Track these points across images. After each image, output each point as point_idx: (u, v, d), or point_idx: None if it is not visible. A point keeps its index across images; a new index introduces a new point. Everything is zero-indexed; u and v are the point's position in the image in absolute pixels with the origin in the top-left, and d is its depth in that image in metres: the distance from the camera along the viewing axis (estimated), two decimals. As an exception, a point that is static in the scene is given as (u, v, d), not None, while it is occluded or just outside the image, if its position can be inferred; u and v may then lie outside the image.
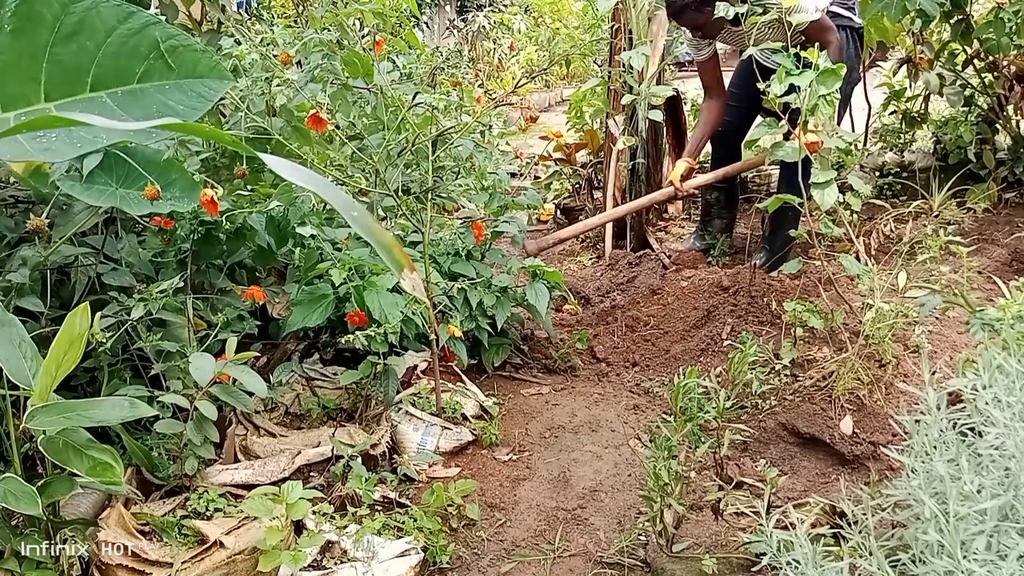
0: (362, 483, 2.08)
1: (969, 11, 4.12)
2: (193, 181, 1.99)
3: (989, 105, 4.41)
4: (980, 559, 1.24)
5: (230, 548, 1.81)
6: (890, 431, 2.36)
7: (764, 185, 4.84)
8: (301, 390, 2.58)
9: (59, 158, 1.32)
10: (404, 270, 1.06)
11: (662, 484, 1.81)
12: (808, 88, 2.40)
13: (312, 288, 2.47)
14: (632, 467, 2.43)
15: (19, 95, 1.26)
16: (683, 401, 1.88)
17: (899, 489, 1.50)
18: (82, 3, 1.28)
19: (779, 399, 2.58)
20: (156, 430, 2.03)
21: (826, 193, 2.52)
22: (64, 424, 1.58)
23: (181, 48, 1.35)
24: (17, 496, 1.50)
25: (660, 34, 4.13)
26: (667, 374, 2.96)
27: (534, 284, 2.95)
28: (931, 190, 4.15)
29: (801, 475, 2.34)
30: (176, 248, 2.37)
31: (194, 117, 1.34)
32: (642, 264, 3.94)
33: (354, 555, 1.88)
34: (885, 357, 2.53)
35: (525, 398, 2.89)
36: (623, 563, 1.99)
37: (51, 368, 1.55)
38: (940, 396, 1.49)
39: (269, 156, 0.98)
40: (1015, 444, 1.32)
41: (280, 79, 2.51)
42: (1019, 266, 3.59)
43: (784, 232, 3.55)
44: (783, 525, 1.59)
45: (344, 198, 0.99)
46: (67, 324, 1.55)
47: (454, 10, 12.72)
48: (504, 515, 2.23)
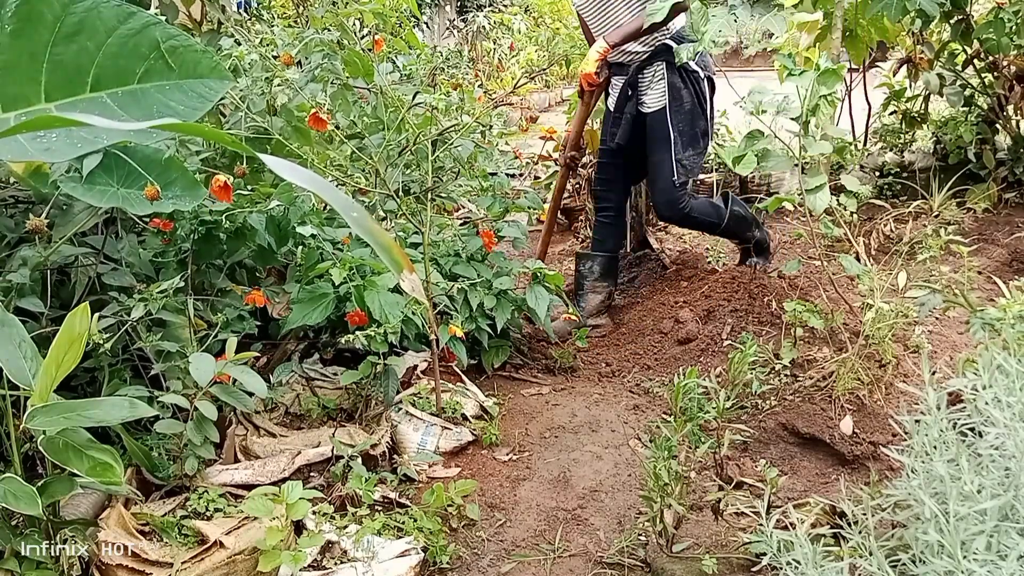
0: (362, 483, 2.08)
1: (969, 11, 4.12)
2: (194, 180, 1.99)
3: (989, 105, 4.41)
4: (980, 559, 1.24)
5: (230, 548, 1.81)
6: (890, 431, 2.36)
7: (764, 185, 4.84)
8: (301, 390, 2.58)
9: (59, 158, 1.32)
10: (403, 271, 1.06)
11: (662, 484, 1.81)
12: (809, 88, 2.40)
13: (312, 287, 2.47)
14: (632, 467, 2.43)
15: (19, 95, 1.26)
16: (683, 401, 1.88)
17: (899, 489, 1.50)
18: (82, 3, 1.28)
19: (779, 399, 2.58)
20: (156, 430, 2.03)
21: (818, 197, 2.52)
22: (64, 424, 1.58)
23: (181, 48, 1.34)
24: (17, 496, 1.50)
25: (660, 34, 4.12)
26: (667, 374, 2.96)
27: (534, 288, 2.95)
28: (931, 190, 4.15)
29: (801, 475, 2.34)
30: (176, 248, 2.37)
31: (194, 117, 1.34)
32: (642, 264, 3.95)
33: (354, 555, 1.88)
34: (885, 357, 2.53)
35: (525, 398, 2.89)
36: (623, 563, 1.99)
37: (51, 368, 1.55)
38: (940, 396, 1.49)
39: (269, 157, 0.98)
40: (1015, 444, 1.32)
41: (281, 79, 2.51)
42: (1019, 266, 3.59)
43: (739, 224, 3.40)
44: (783, 525, 1.59)
45: (344, 199, 0.99)
46: (67, 324, 1.55)
47: (454, 10, 12.72)
48: (504, 515, 2.23)
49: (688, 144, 3.11)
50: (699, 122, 3.11)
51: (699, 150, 3.17)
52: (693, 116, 3.10)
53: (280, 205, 2.44)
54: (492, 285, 2.88)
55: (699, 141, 3.14)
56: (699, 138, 3.14)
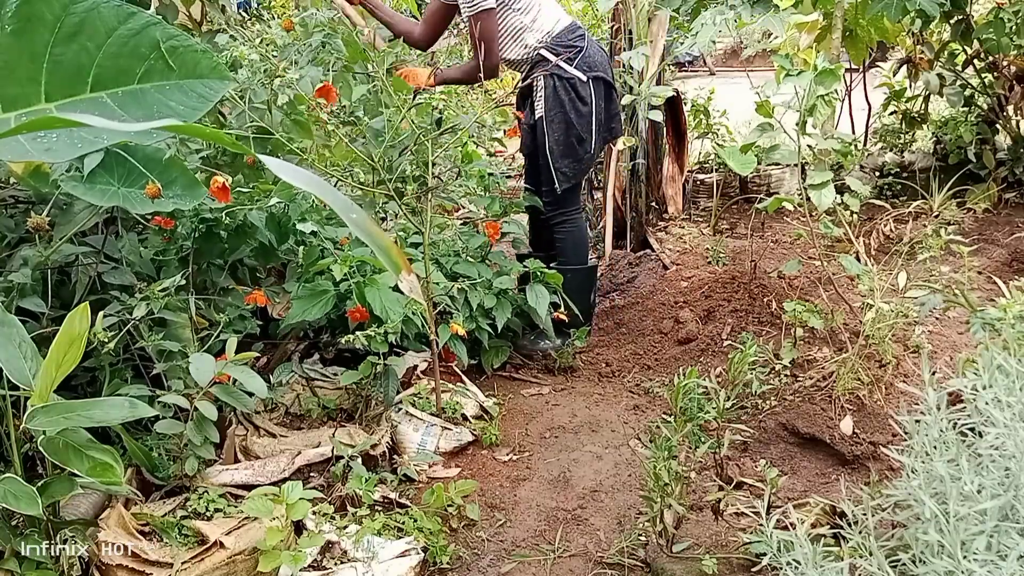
0: (362, 483, 2.08)
1: (969, 11, 4.12)
2: (195, 179, 1.98)
3: (989, 105, 4.41)
4: (980, 559, 1.24)
5: (230, 548, 1.81)
6: (890, 431, 2.36)
7: (764, 185, 4.84)
8: (301, 390, 2.58)
9: (60, 158, 1.32)
10: (402, 272, 1.06)
11: (662, 484, 1.81)
12: (806, 88, 2.40)
13: (313, 284, 2.47)
14: (632, 467, 2.43)
15: (20, 95, 1.26)
16: (683, 401, 1.88)
17: (899, 489, 1.50)
18: (83, 4, 1.28)
19: (779, 399, 2.58)
20: (156, 430, 2.03)
21: (823, 194, 2.52)
22: (64, 424, 1.58)
23: (181, 48, 1.35)
24: (17, 496, 1.50)
25: (660, 34, 4.12)
26: (667, 374, 2.96)
27: (534, 286, 2.94)
28: (931, 190, 4.15)
29: (801, 475, 2.34)
30: (178, 246, 2.37)
31: (194, 117, 1.34)
32: (642, 264, 3.94)
33: (354, 555, 1.88)
34: (885, 357, 2.54)
35: (525, 398, 2.89)
36: (623, 563, 2.00)
37: (51, 368, 1.55)
38: (940, 396, 1.49)
39: (268, 158, 0.98)
40: (1015, 444, 1.32)
41: (281, 69, 2.49)
42: (1019, 266, 3.59)
43: (579, 290, 3.21)
44: (783, 525, 1.59)
45: (343, 200, 0.99)
46: (67, 324, 1.55)
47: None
48: (504, 515, 2.23)
49: (565, 153, 3.08)
50: (572, 130, 3.07)
51: (578, 157, 3.12)
52: (567, 124, 3.05)
53: (280, 202, 2.44)
54: (492, 285, 2.88)
55: (576, 149, 3.10)
56: (575, 146, 3.09)
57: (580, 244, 3.28)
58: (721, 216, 4.54)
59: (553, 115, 3.05)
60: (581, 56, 3.04)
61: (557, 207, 3.19)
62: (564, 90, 3.04)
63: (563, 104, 3.04)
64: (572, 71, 3.03)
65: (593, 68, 3.09)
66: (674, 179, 4.53)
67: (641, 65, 3.78)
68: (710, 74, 9.26)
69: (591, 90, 3.08)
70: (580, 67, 3.04)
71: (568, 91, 3.04)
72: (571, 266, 3.21)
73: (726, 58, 10.95)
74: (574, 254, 3.25)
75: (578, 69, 3.04)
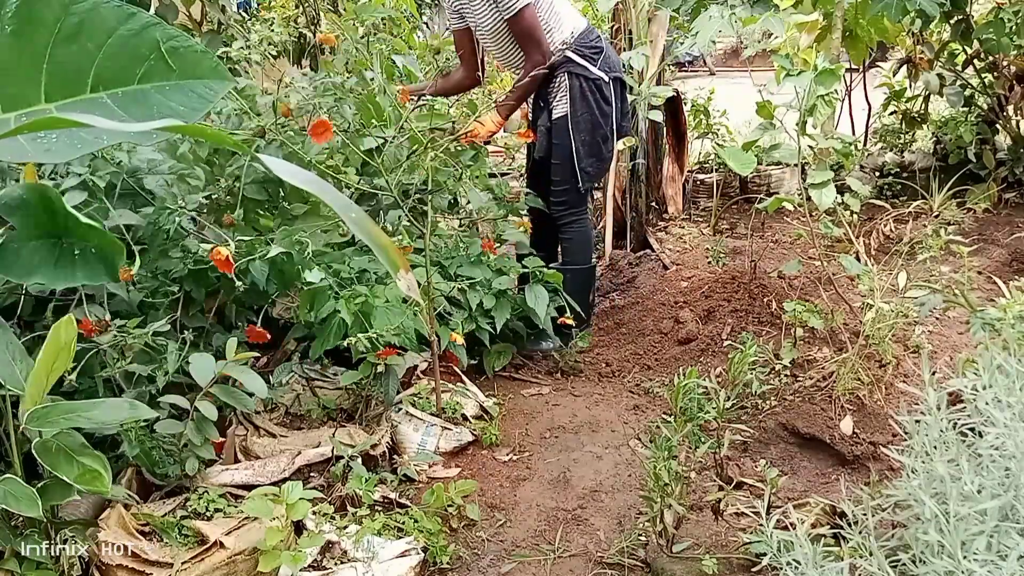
0: (362, 483, 2.08)
1: (969, 11, 4.12)
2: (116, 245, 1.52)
3: (989, 105, 4.42)
4: (980, 559, 1.24)
5: (230, 548, 1.81)
6: (890, 431, 2.36)
7: (764, 185, 4.84)
8: (301, 390, 2.58)
9: (59, 159, 1.32)
10: (400, 271, 1.06)
11: (662, 484, 1.81)
12: (806, 88, 2.40)
13: (324, 324, 2.43)
14: (632, 467, 2.43)
15: (19, 96, 1.26)
16: (683, 401, 1.88)
17: (899, 489, 1.50)
18: (82, 4, 1.28)
19: (779, 399, 2.58)
20: (156, 430, 2.03)
21: (823, 193, 2.52)
22: (64, 425, 1.58)
23: (182, 49, 1.35)
24: (18, 498, 1.50)
25: (660, 34, 4.13)
26: (667, 374, 2.96)
27: (534, 287, 2.94)
28: (931, 190, 4.16)
29: (801, 475, 2.34)
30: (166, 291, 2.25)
31: (195, 118, 1.34)
32: (642, 264, 3.94)
33: (354, 555, 1.88)
34: (885, 357, 2.54)
35: (525, 398, 2.89)
36: (623, 563, 1.99)
37: (42, 373, 1.54)
38: (940, 396, 1.49)
39: (268, 158, 0.98)
40: (1015, 444, 1.32)
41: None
42: (1019, 266, 3.59)
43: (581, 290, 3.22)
44: (783, 525, 1.59)
45: (343, 200, 0.99)
46: (53, 334, 1.53)
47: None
48: (504, 515, 2.23)
49: (591, 153, 3.11)
50: (599, 130, 3.11)
51: (603, 156, 3.18)
52: (594, 124, 3.09)
53: (283, 252, 2.27)
54: (492, 285, 2.88)
55: (601, 148, 3.14)
56: (600, 146, 3.13)
57: (587, 244, 3.30)
58: (721, 216, 4.54)
59: (580, 116, 3.07)
60: (603, 57, 3.08)
61: (569, 207, 3.21)
62: (591, 91, 3.08)
63: (590, 105, 3.08)
64: (597, 72, 3.07)
65: (613, 69, 3.15)
66: (674, 179, 4.53)
67: (641, 65, 3.78)
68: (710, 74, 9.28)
69: (616, 89, 3.14)
70: (602, 68, 3.09)
71: (594, 92, 3.09)
72: (575, 266, 3.23)
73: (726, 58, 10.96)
74: (580, 254, 3.27)
75: (600, 70, 3.08)
